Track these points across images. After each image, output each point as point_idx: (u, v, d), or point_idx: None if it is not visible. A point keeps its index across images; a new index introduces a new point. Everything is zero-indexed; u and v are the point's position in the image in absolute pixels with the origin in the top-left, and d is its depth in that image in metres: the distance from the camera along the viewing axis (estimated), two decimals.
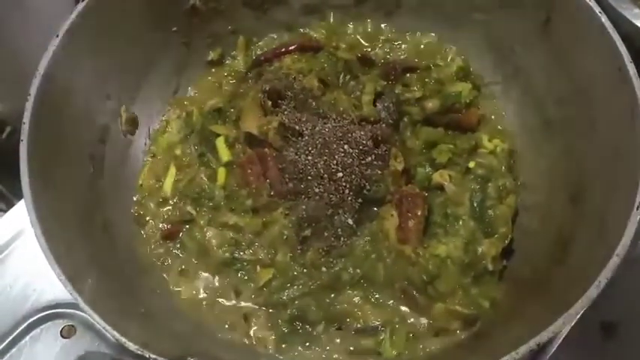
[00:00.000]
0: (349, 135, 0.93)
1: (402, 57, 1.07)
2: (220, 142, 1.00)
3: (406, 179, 0.94)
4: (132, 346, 0.67)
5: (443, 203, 0.92)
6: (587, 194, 0.83)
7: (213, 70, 1.09)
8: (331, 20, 1.10)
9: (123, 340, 0.67)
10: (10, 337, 0.95)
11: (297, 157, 0.92)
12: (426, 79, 1.02)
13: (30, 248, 0.99)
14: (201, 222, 0.94)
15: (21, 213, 1.00)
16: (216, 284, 0.92)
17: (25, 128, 0.78)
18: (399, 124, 1.00)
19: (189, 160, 1.00)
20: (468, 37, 1.04)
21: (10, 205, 1.07)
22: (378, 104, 0.99)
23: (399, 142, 0.97)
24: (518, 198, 0.94)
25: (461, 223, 0.89)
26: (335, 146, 0.92)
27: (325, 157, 0.92)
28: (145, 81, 1.00)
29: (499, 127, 1.01)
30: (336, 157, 0.91)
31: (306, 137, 0.94)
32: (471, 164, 0.94)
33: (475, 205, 0.91)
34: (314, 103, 0.98)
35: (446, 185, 0.92)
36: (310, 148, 0.93)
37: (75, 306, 0.95)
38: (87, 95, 0.89)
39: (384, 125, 0.97)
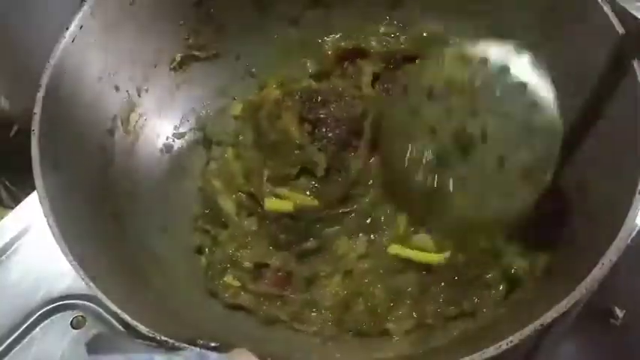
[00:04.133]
0: None
1: (402, 47, 1.06)
2: None
3: None
4: (143, 329, 0.66)
5: None
6: (588, 183, 0.83)
7: None
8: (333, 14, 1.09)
9: (134, 323, 0.67)
10: (22, 328, 0.96)
11: None
12: None
13: (40, 242, 1.00)
14: None
15: (30, 208, 1.03)
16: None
17: (37, 118, 0.79)
18: None
19: None
20: (472, 27, 1.02)
21: (18, 201, 1.09)
22: (377, 86, 1.01)
23: None
24: None
25: None
26: None
27: None
28: (152, 73, 1.01)
29: None
30: None
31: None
32: None
33: None
34: None
35: None
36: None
37: (85, 297, 0.97)
38: (96, 87, 0.90)
39: None
